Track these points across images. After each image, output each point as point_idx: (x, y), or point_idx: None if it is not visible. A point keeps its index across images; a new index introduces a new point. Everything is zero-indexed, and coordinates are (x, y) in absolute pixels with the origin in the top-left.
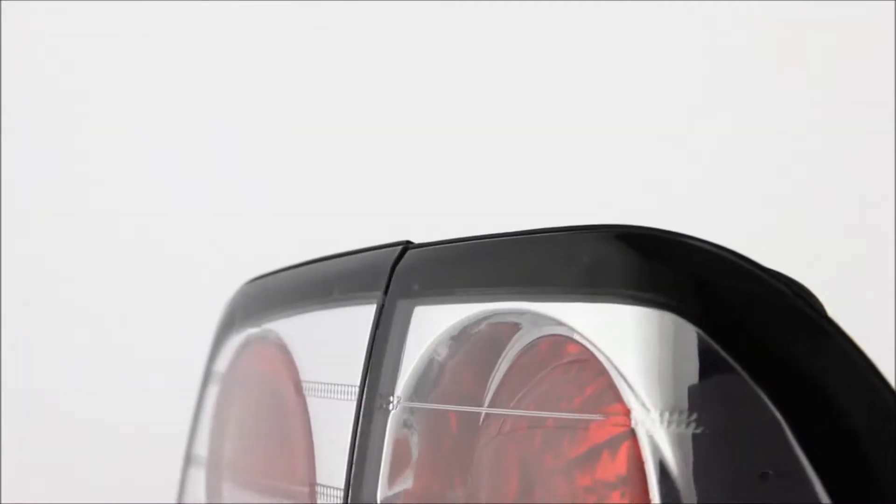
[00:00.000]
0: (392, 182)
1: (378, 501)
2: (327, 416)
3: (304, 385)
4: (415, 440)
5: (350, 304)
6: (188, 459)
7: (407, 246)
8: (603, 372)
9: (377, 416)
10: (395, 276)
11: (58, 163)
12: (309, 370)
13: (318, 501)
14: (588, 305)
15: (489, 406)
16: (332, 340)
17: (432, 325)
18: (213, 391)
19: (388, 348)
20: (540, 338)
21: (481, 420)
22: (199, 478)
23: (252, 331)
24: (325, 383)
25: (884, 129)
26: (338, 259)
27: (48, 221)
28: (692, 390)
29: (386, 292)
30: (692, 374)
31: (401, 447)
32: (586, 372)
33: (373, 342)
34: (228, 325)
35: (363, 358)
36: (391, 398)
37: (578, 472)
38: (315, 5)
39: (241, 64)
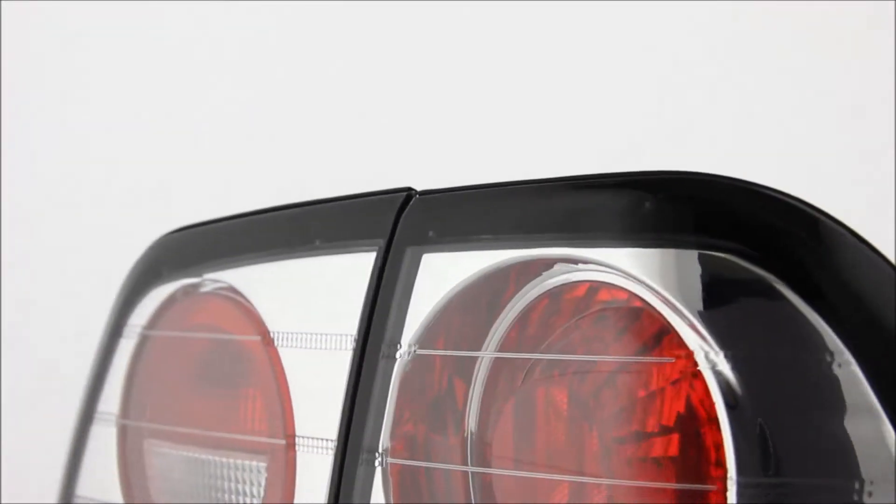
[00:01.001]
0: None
1: (380, 451)
2: (311, 366)
3: (274, 336)
4: (423, 388)
5: (339, 252)
6: (89, 416)
7: (410, 193)
8: (658, 316)
9: (382, 365)
10: (402, 223)
11: None
12: (280, 320)
13: (300, 453)
14: (644, 251)
15: (511, 351)
16: (315, 290)
17: (447, 271)
18: (128, 345)
19: (396, 296)
20: (568, 284)
21: (495, 367)
22: (106, 436)
23: (189, 281)
24: (306, 333)
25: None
26: (317, 207)
27: None
28: (758, 330)
29: (391, 240)
30: (757, 313)
31: (408, 395)
32: (636, 316)
33: (376, 290)
34: (151, 275)
35: (361, 307)
36: (398, 346)
37: (642, 414)
38: None
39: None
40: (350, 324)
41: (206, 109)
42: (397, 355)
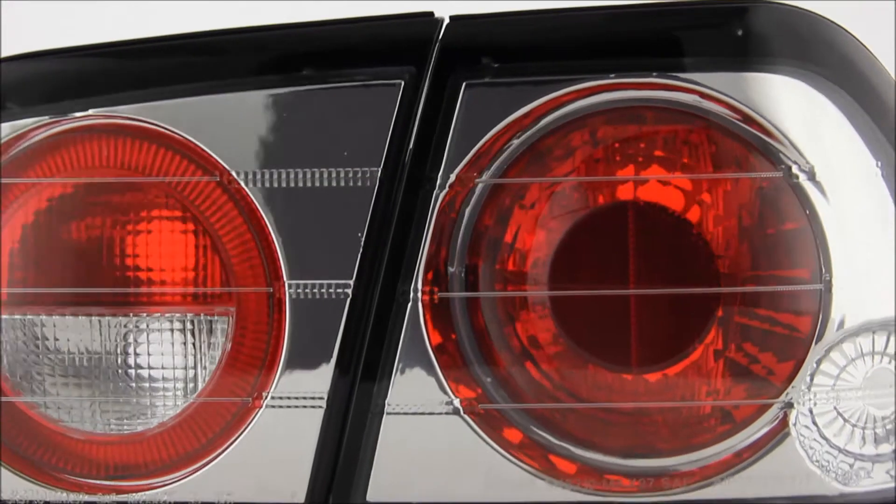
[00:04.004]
0: None
1: (416, 286)
2: (305, 206)
3: (239, 177)
4: (468, 221)
5: (339, 82)
6: None
7: (437, 18)
8: (752, 133)
9: (421, 198)
10: (441, 51)
11: None
12: (248, 160)
13: (292, 300)
14: (737, 75)
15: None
16: (305, 123)
17: (494, 101)
18: None
19: (437, 128)
20: (636, 107)
21: (542, 191)
22: None
23: (68, 117)
24: (296, 171)
25: None
26: (306, 31)
27: None
28: (838, 144)
29: (426, 68)
30: (836, 130)
31: (448, 228)
32: (732, 134)
33: (407, 122)
34: None
35: (387, 140)
36: (437, 178)
37: (743, 221)
38: None
39: None
40: (372, 157)
41: None
42: (437, 188)
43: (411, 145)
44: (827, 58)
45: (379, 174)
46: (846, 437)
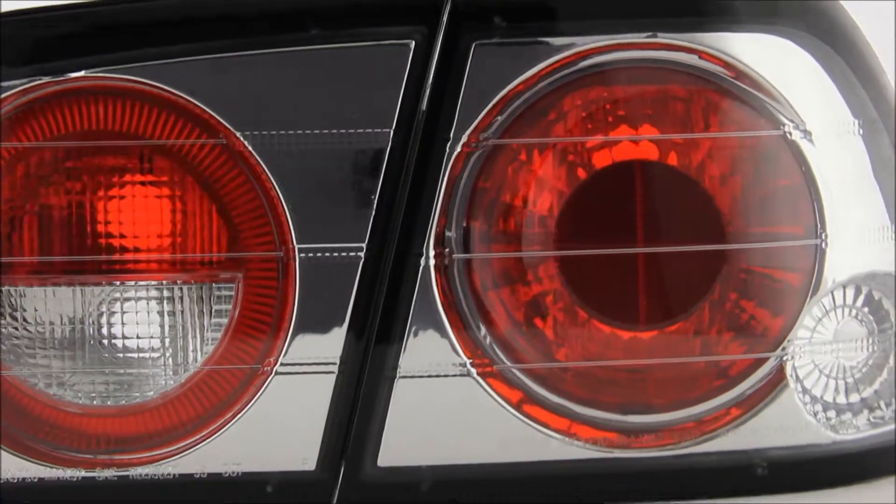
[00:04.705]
0: None
1: (427, 248)
2: (314, 168)
3: (247, 140)
4: (478, 181)
5: (350, 42)
6: None
7: None
8: (743, 94)
9: (434, 158)
10: (454, 11)
11: None
12: (255, 122)
13: (303, 264)
14: (734, 35)
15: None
16: (317, 85)
17: (505, 61)
18: None
19: (449, 88)
20: (637, 67)
21: (554, 151)
22: None
23: (69, 76)
24: (309, 133)
25: None
26: None
27: None
28: (830, 104)
29: (436, 28)
30: (833, 89)
31: (458, 189)
32: (733, 95)
33: (419, 83)
34: None
35: (399, 101)
36: (448, 139)
37: (744, 179)
38: None
39: None
40: (384, 118)
41: None
42: (449, 148)
43: (424, 106)
44: (812, 18)
45: (391, 135)
46: (822, 388)
